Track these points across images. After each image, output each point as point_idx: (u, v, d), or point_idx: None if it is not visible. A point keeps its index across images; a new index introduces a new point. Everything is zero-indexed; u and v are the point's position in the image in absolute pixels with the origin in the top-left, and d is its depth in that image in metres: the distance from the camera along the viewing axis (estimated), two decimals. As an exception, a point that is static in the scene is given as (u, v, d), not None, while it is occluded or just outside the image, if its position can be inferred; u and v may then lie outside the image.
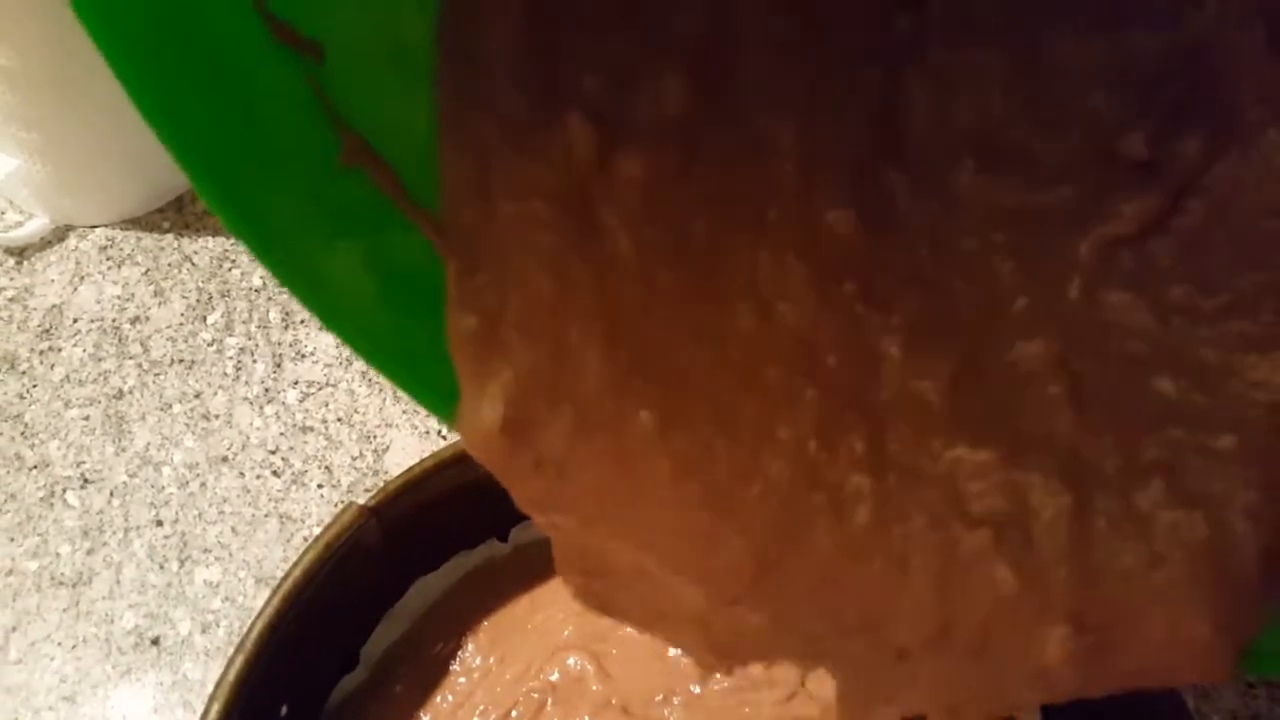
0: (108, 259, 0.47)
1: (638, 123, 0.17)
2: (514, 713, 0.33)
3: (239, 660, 0.29)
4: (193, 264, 0.47)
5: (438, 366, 0.18)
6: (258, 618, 0.29)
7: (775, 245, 0.18)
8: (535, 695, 0.33)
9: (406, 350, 0.18)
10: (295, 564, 0.30)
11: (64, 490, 0.40)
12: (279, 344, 0.45)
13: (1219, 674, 0.17)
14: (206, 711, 0.28)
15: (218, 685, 0.28)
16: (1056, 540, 0.17)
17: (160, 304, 0.46)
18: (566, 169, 0.17)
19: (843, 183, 0.18)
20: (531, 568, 0.37)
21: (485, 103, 0.17)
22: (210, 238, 0.48)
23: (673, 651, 0.34)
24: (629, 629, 0.34)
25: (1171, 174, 0.17)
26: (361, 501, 0.31)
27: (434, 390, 0.18)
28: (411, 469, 0.32)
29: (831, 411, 0.17)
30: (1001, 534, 0.17)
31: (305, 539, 0.39)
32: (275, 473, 0.41)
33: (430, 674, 0.34)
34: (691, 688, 0.33)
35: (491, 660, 0.34)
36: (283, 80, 0.16)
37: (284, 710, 0.31)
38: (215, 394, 0.43)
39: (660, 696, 0.33)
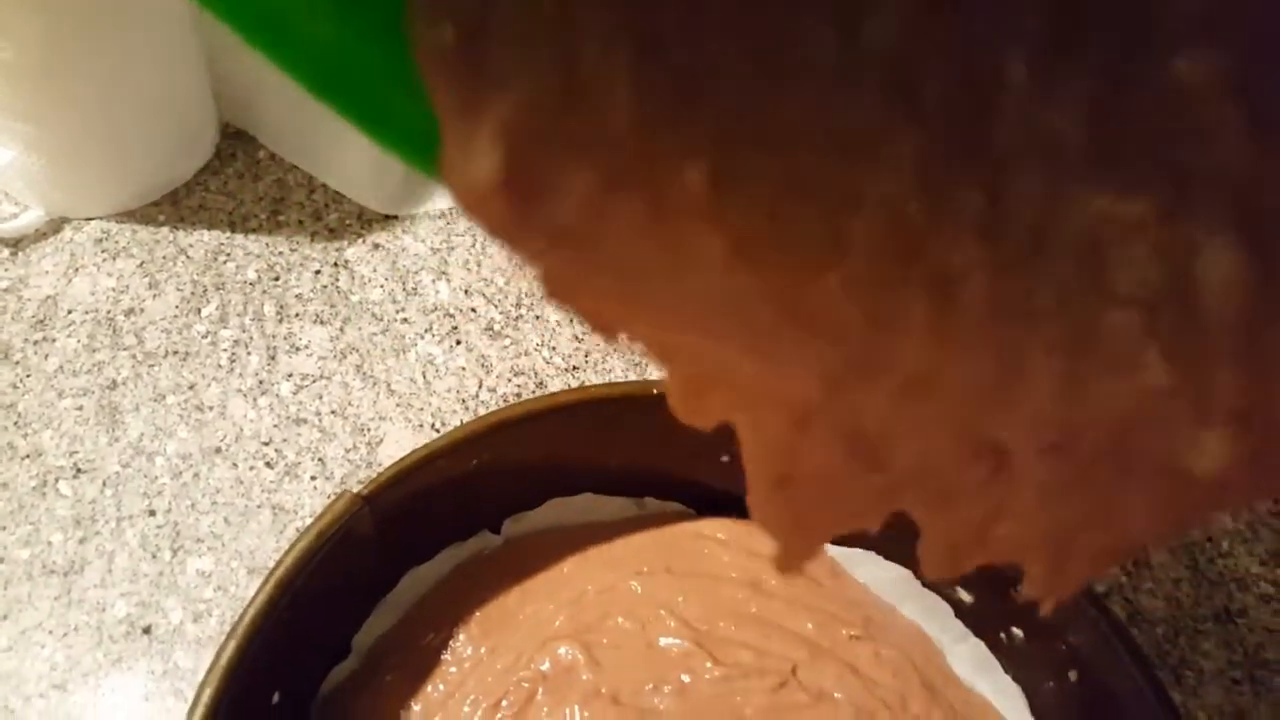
0: (102, 251, 0.47)
1: None
2: (505, 702, 0.33)
3: (231, 646, 0.29)
4: (188, 257, 0.47)
5: (412, 101, 0.13)
6: (250, 604, 0.29)
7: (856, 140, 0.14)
8: (526, 685, 0.33)
9: (369, 80, 0.14)
10: (288, 551, 0.30)
11: (56, 479, 0.41)
12: (273, 337, 0.45)
13: None
14: (198, 696, 0.28)
15: (210, 670, 0.28)
16: (1226, 312, 0.14)
17: (155, 296, 0.46)
18: None
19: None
20: (523, 560, 0.37)
21: None
22: (205, 231, 0.48)
23: (664, 640, 0.34)
24: (620, 619, 0.35)
25: None
26: (355, 490, 0.32)
27: (409, 134, 0.14)
28: (404, 458, 0.32)
29: (937, 156, 0.13)
30: (1155, 312, 0.14)
31: (298, 529, 0.40)
32: (268, 464, 0.41)
33: (421, 664, 0.34)
34: (682, 677, 0.33)
35: (483, 650, 0.35)
36: None
37: (275, 698, 0.31)
38: (209, 385, 0.43)
39: (650, 685, 0.33)
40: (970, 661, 0.35)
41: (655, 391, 0.35)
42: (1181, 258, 0.13)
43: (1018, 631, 0.34)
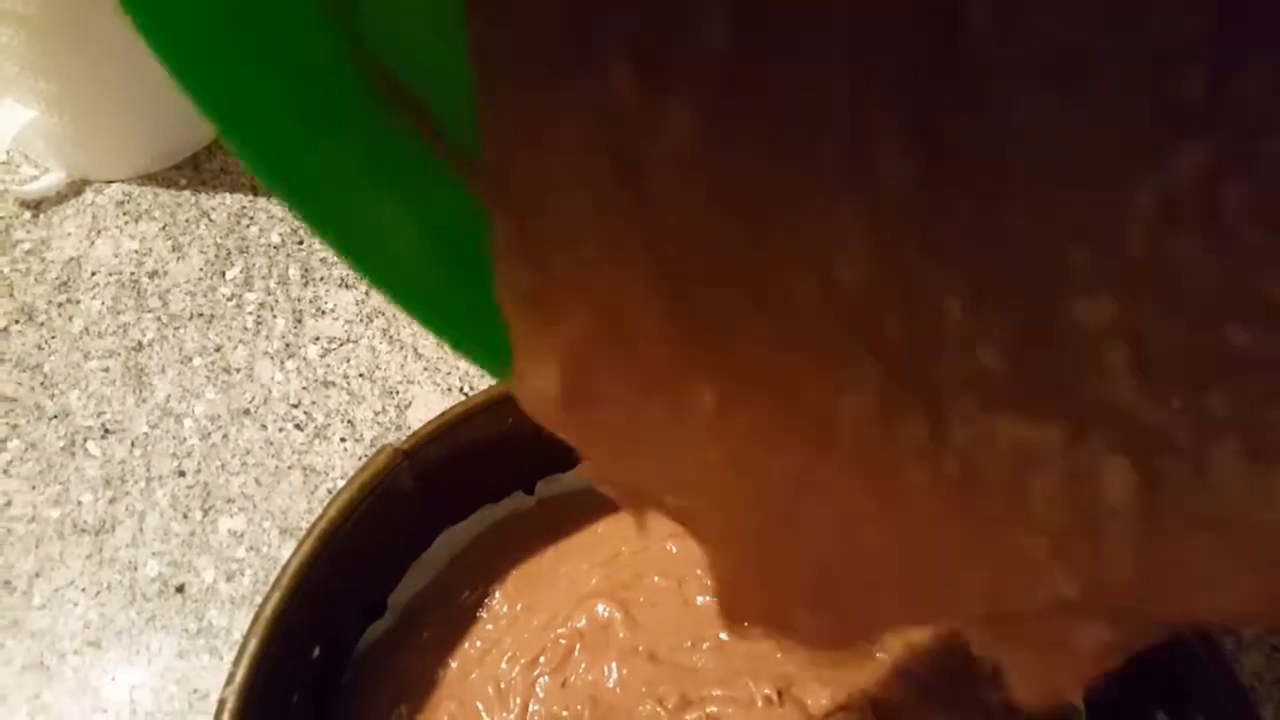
0: (125, 214, 0.47)
1: (682, 64, 0.17)
2: (542, 658, 0.33)
3: (275, 597, 0.29)
4: (210, 220, 0.47)
5: (490, 324, 0.17)
6: (293, 556, 0.29)
7: (831, 197, 0.17)
8: (563, 641, 0.33)
9: (457, 308, 0.18)
10: (330, 503, 0.30)
11: (85, 440, 0.40)
12: (299, 300, 0.45)
13: None
14: (243, 647, 0.28)
15: (254, 622, 0.28)
16: (1123, 529, 0.16)
17: (178, 259, 0.46)
18: (609, 116, 0.16)
19: (897, 130, 0.17)
20: (557, 519, 0.37)
21: (520, 50, 0.16)
22: (228, 194, 0.48)
23: (700, 598, 0.34)
24: (656, 578, 0.35)
25: (1235, 118, 0.16)
26: (394, 445, 0.31)
27: (486, 348, 0.18)
28: (445, 414, 0.32)
29: (892, 390, 0.17)
30: (1063, 536, 0.17)
31: (330, 491, 0.39)
32: (298, 426, 0.41)
33: (458, 621, 0.34)
34: (720, 635, 0.33)
35: (519, 607, 0.35)
36: (314, 25, 0.16)
37: (316, 652, 0.31)
38: (235, 348, 0.43)
39: (689, 643, 0.33)
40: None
41: (692, 350, 0.35)
42: (1086, 481, 0.16)
43: (1056, 590, 0.34)
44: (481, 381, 0.43)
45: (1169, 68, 0.17)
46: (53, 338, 0.43)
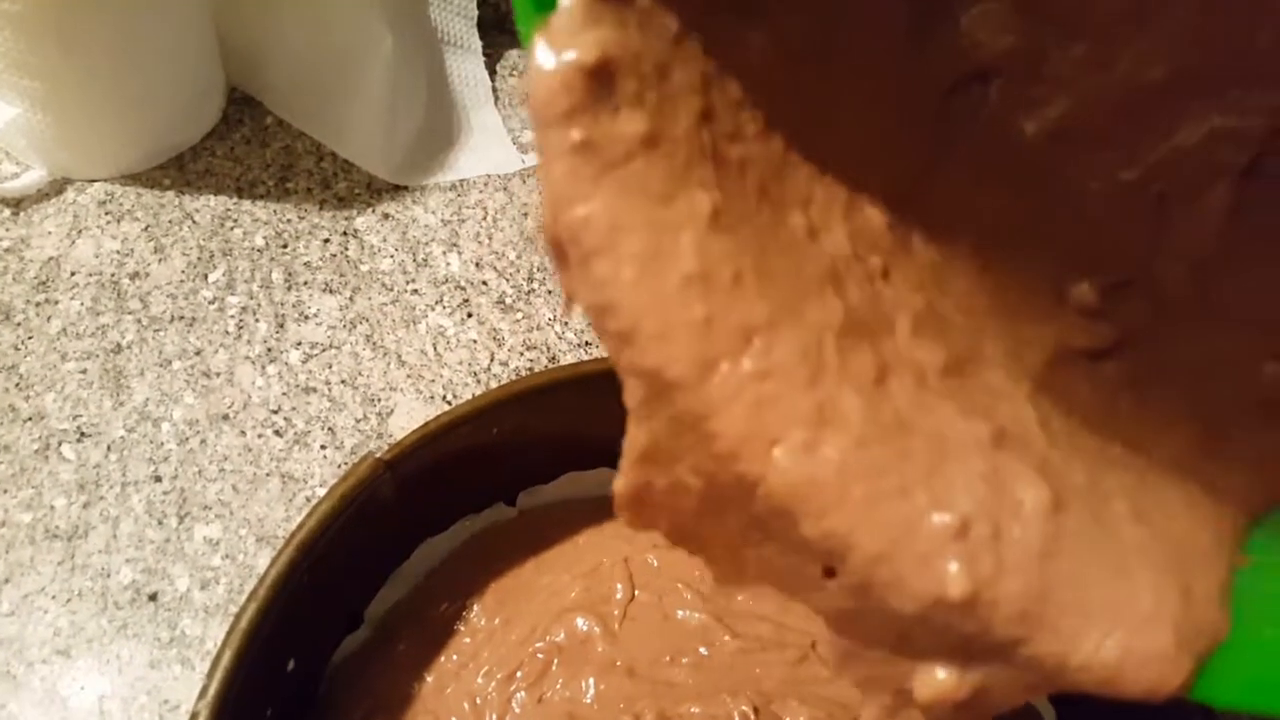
0: (106, 213, 0.46)
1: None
2: (519, 673, 0.33)
3: (251, 608, 0.28)
4: (194, 222, 0.47)
5: None
6: (271, 566, 0.29)
7: (827, 194, 0.18)
8: (541, 656, 0.33)
9: None
10: (309, 513, 0.30)
11: (59, 443, 0.40)
12: (281, 304, 0.44)
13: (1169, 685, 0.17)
14: (217, 659, 0.27)
15: (229, 633, 0.28)
16: (1028, 535, 0.17)
17: (160, 260, 0.45)
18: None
19: (886, 189, 0.19)
20: (538, 531, 0.36)
21: None
22: (212, 196, 0.47)
23: (681, 613, 0.34)
24: (637, 591, 0.34)
25: (1117, 323, 0.19)
26: (376, 454, 0.31)
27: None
28: (427, 424, 0.32)
29: (850, 325, 0.17)
30: (968, 526, 0.17)
31: (308, 499, 0.39)
32: (277, 432, 0.41)
33: (435, 634, 0.34)
34: (700, 649, 0.33)
35: (497, 621, 0.34)
36: None
37: (291, 664, 0.31)
38: (216, 352, 0.43)
39: (668, 658, 0.33)
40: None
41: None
42: (1002, 480, 0.17)
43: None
44: (464, 390, 0.43)
45: None
46: (29, 338, 0.42)
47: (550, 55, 0.15)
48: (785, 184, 0.17)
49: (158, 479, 0.39)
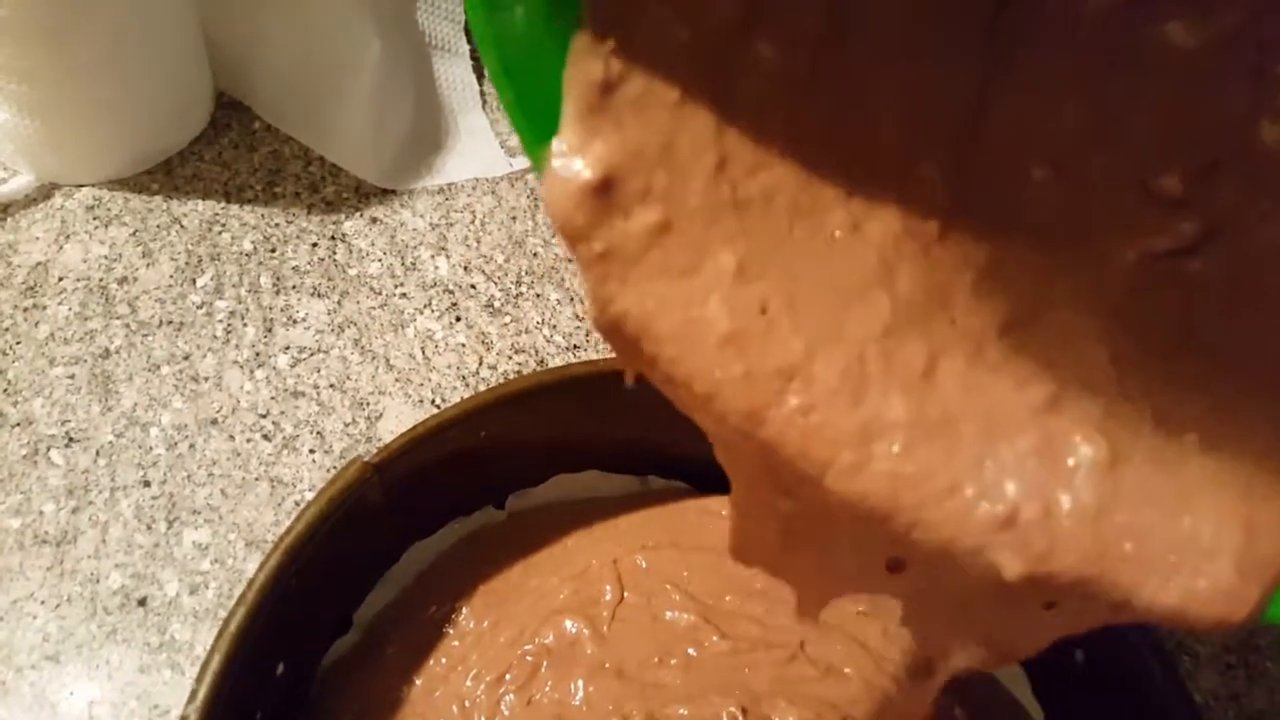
0: (94, 218, 0.46)
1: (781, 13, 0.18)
2: (508, 675, 0.33)
3: (240, 613, 0.28)
4: (182, 226, 0.47)
5: (548, 103, 0.17)
6: (259, 570, 0.29)
7: (872, 175, 0.18)
8: (530, 658, 0.33)
9: (529, 74, 0.18)
10: (298, 517, 0.30)
11: (48, 448, 0.40)
12: (270, 308, 0.44)
13: (1239, 615, 0.17)
14: (206, 663, 0.27)
15: (218, 637, 0.28)
16: (1082, 500, 0.17)
17: (148, 265, 0.45)
18: (711, 14, 0.18)
19: (936, 144, 0.19)
20: (527, 534, 0.37)
21: None
22: (200, 201, 0.47)
23: (669, 614, 0.34)
24: (626, 593, 0.34)
25: (1202, 213, 0.18)
26: (365, 458, 0.31)
27: (534, 121, 0.18)
28: (415, 427, 0.32)
29: (899, 323, 0.18)
30: (1016, 513, 0.17)
31: (297, 503, 0.39)
32: (266, 436, 0.41)
33: (423, 637, 0.34)
34: (688, 650, 0.33)
35: (485, 624, 0.34)
36: None
37: (280, 669, 0.31)
38: (204, 356, 0.43)
39: (656, 659, 0.33)
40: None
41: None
42: (1057, 442, 0.18)
43: (1022, 610, 0.34)
44: (453, 393, 0.43)
45: None
46: (17, 343, 0.42)
47: (557, 182, 0.17)
48: (820, 189, 0.18)
49: (146, 484, 0.39)
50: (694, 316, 0.17)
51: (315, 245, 0.47)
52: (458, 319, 0.45)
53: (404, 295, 0.46)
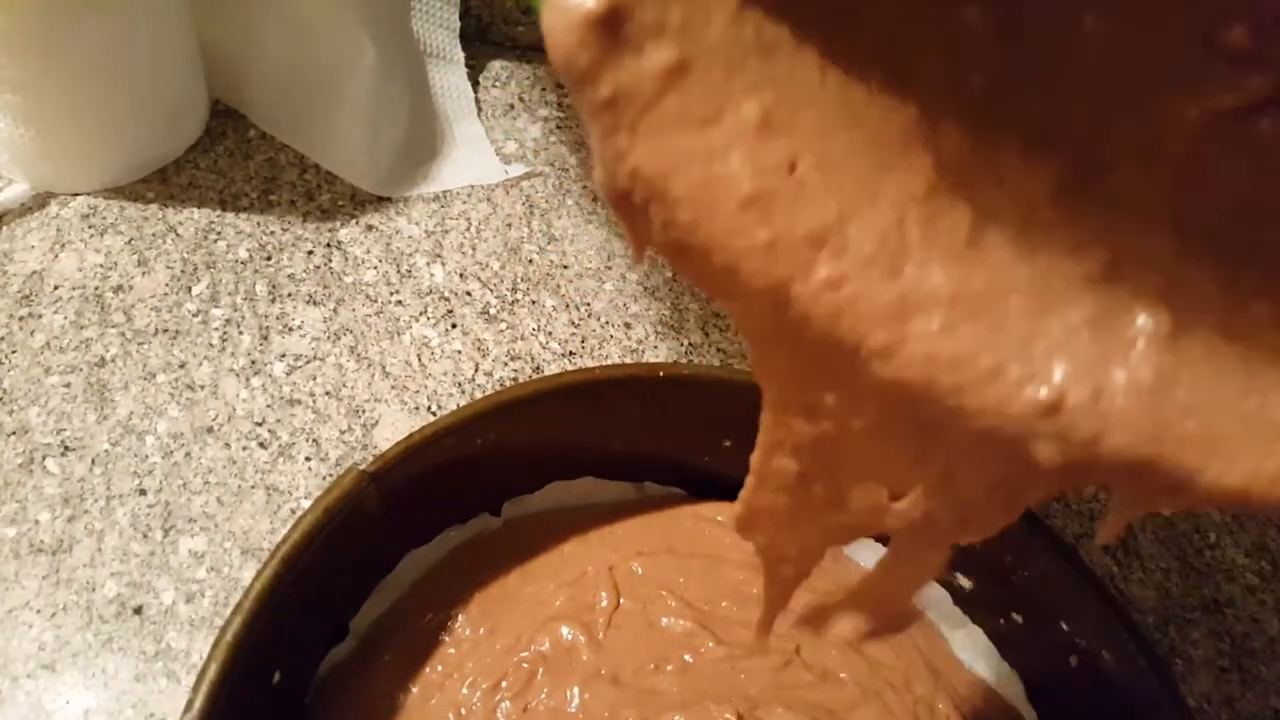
0: (90, 227, 0.46)
1: None
2: (504, 683, 0.33)
3: (236, 621, 0.28)
4: (177, 234, 0.47)
5: None
6: (255, 579, 0.29)
7: (912, 25, 0.17)
8: (526, 665, 0.33)
9: None
10: (294, 525, 0.30)
11: (44, 457, 0.40)
12: (265, 316, 0.44)
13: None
14: (203, 673, 0.27)
15: (214, 646, 0.28)
16: (1139, 375, 0.16)
17: (144, 273, 0.45)
18: None
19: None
20: (523, 540, 0.37)
21: None
22: (196, 209, 0.48)
23: (665, 620, 0.34)
24: (622, 599, 0.35)
25: (1274, 68, 0.16)
26: (361, 466, 0.31)
27: None
28: (411, 435, 0.32)
29: (943, 185, 0.16)
30: (1062, 397, 0.16)
31: (293, 511, 0.39)
32: (262, 444, 0.41)
33: (419, 644, 0.34)
34: (684, 657, 0.33)
35: (482, 631, 0.34)
36: None
37: (276, 677, 0.31)
38: (200, 365, 0.43)
39: (652, 665, 0.33)
40: (970, 647, 0.35)
41: (660, 374, 0.35)
42: (1114, 315, 0.16)
43: (1017, 617, 0.34)
44: (449, 400, 0.43)
45: None
46: (13, 352, 0.42)
47: (559, 15, 0.15)
48: (857, 35, 0.16)
49: (142, 492, 0.39)
50: (713, 174, 0.15)
51: (311, 253, 0.47)
52: (453, 326, 0.45)
53: (399, 302, 0.46)
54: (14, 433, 0.40)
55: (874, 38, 0.16)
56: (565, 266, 0.48)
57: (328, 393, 0.43)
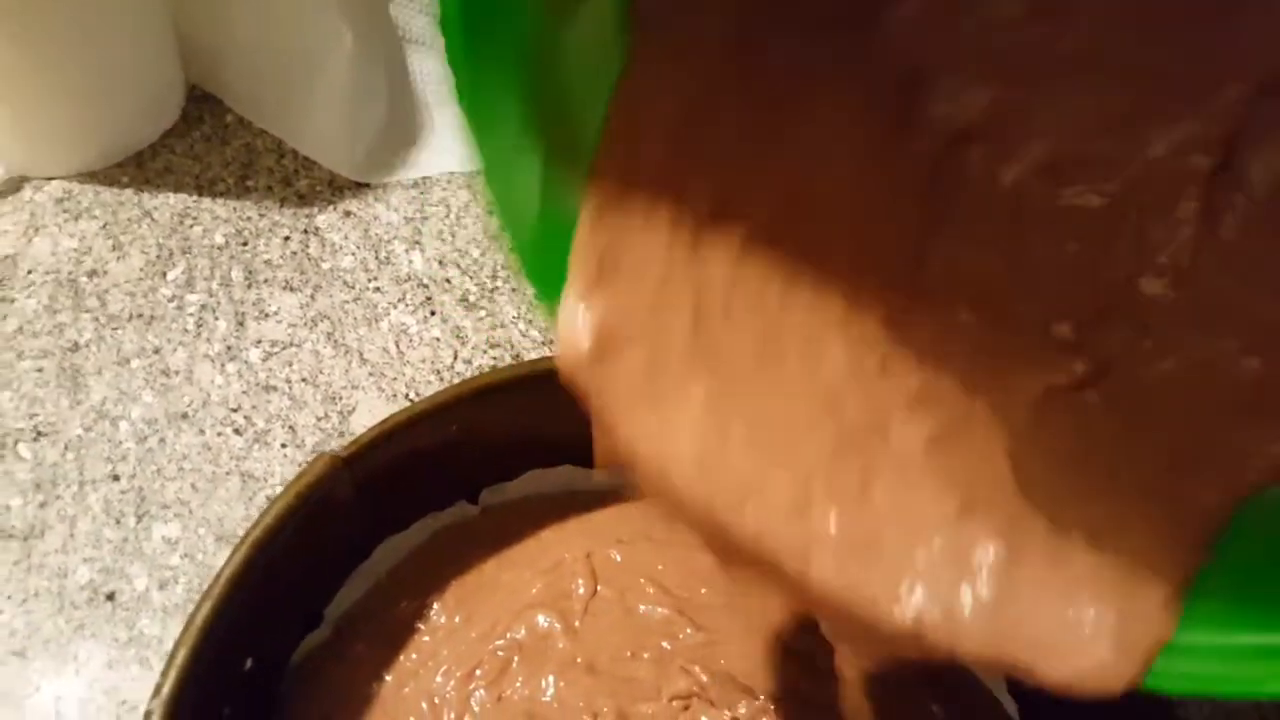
0: (64, 211, 0.46)
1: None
2: (478, 671, 0.33)
3: (206, 607, 0.28)
4: (153, 219, 0.46)
5: (557, 265, 0.21)
6: (226, 565, 0.29)
7: (823, 319, 0.22)
8: (501, 654, 0.33)
9: (545, 244, 0.21)
10: (266, 511, 0.29)
11: (15, 442, 0.39)
12: (241, 302, 0.44)
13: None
14: (171, 658, 0.27)
15: (184, 631, 0.27)
16: (983, 593, 0.21)
17: (119, 258, 0.45)
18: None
19: (878, 293, 0.22)
20: (501, 527, 0.36)
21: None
22: (171, 194, 0.47)
23: (642, 607, 0.34)
24: (599, 586, 0.34)
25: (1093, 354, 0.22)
26: (334, 452, 0.31)
27: (545, 283, 0.22)
28: (386, 420, 0.32)
29: (841, 446, 0.21)
30: (921, 618, 0.20)
31: (268, 498, 0.39)
32: (237, 431, 0.40)
33: (394, 632, 0.34)
34: (662, 644, 0.33)
35: (457, 619, 0.34)
36: None
37: (248, 664, 0.31)
38: (175, 350, 0.42)
39: (629, 653, 0.33)
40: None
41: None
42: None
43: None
44: (427, 387, 0.43)
45: None
46: (-16, 337, 0.42)
47: (564, 336, 0.21)
48: (783, 331, 0.21)
49: (116, 478, 0.39)
50: (666, 441, 0.20)
51: (288, 239, 0.46)
52: (432, 313, 0.45)
53: (378, 289, 0.45)
54: (-15, 418, 0.40)
55: (794, 342, 0.21)
56: (545, 254, 0.47)
57: (304, 379, 0.42)
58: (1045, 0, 0.20)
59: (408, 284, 0.46)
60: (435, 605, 0.34)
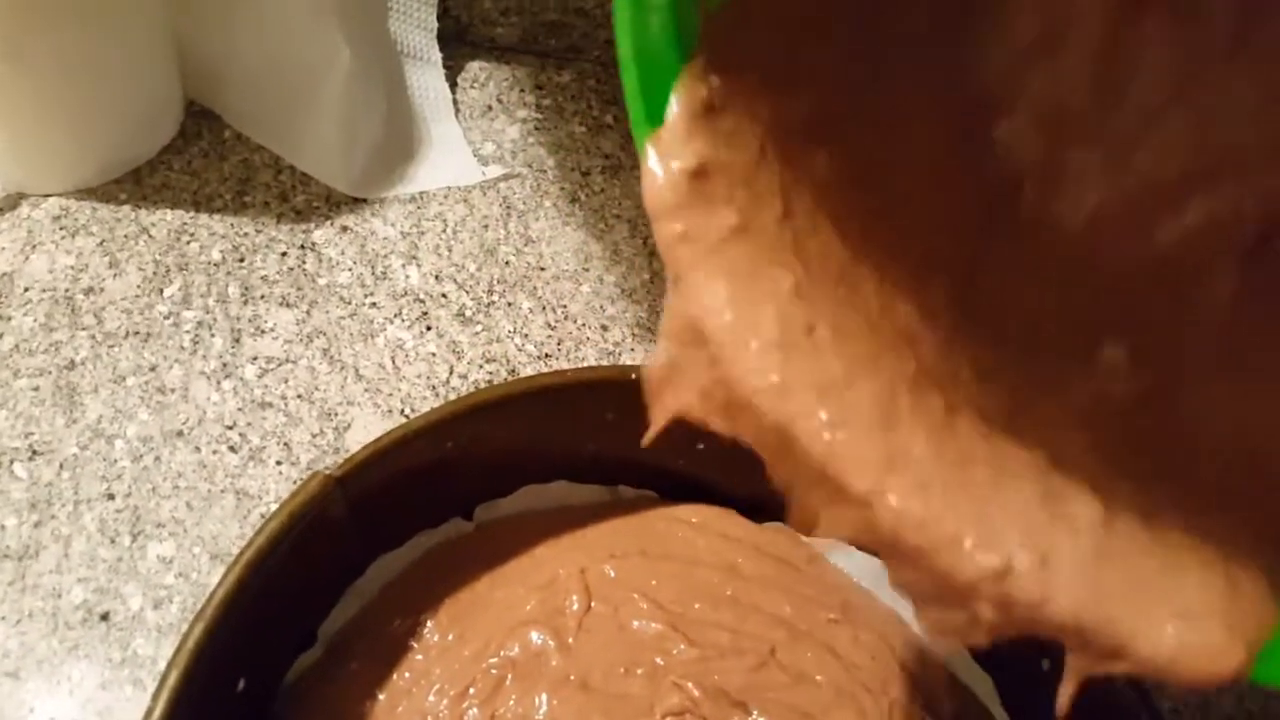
0: (61, 228, 0.46)
1: None
2: (471, 690, 0.33)
3: (198, 628, 0.28)
4: (150, 236, 0.46)
5: (660, 100, 0.19)
6: (219, 585, 0.28)
7: (895, 283, 0.21)
8: (494, 671, 0.33)
9: (654, 76, 0.20)
10: (258, 531, 0.29)
11: (11, 461, 0.39)
12: (238, 319, 0.44)
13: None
14: (164, 680, 0.27)
15: (176, 653, 0.27)
16: (1081, 547, 0.19)
17: (115, 275, 0.45)
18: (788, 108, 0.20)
19: (946, 270, 0.22)
20: (495, 544, 0.36)
21: None
22: (168, 210, 0.47)
23: (637, 623, 0.34)
24: (593, 603, 0.34)
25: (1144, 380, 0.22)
26: (327, 470, 0.31)
27: (646, 108, 0.20)
28: (380, 439, 0.32)
29: (922, 374, 0.20)
30: (1009, 566, 0.19)
31: (263, 515, 0.39)
32: (232, 448, 0.40)
33: (387, 651, 0.34)
34: (656, 660, 0.33)
35: (450, 637, 0.34)
36: None
37: (241, 684, 0.31)
38: (171, 368, 0.42)
39: (623, 669, 0.33)
40: (944, 649, 0.35)
41: (633, 377, 0.35)
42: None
43: (990, 619, 0.34)
44: (423, 403, 0.43)
45: None
46: (-19, 355, 0.42)
47: (659, 162, 0.19)
48: (860, 269, 0.20)
49: (110, 497, 0.39)
50: (745, 317, 0.19)
51: (285, 255, 0.46)
52: (428, 328, 0.45)
53: (374, 305, 0.45)
54: (-19, 437, 0.40)
55: (871, 276, 0.20)
56: (542, 268, 0.47)
57: (300, 396, 0.42)
58: (1106, 76, 0.20)
59: (404, 299, 0.46)
60: (429, 623, 0.34)
